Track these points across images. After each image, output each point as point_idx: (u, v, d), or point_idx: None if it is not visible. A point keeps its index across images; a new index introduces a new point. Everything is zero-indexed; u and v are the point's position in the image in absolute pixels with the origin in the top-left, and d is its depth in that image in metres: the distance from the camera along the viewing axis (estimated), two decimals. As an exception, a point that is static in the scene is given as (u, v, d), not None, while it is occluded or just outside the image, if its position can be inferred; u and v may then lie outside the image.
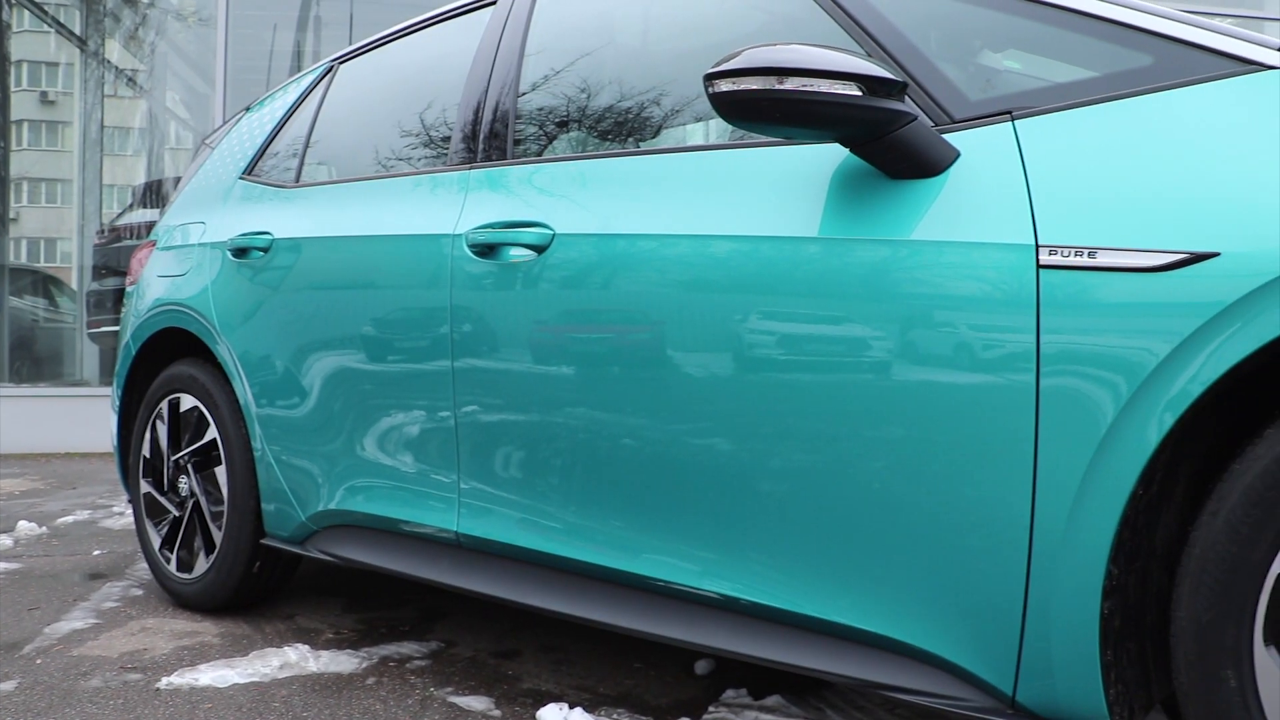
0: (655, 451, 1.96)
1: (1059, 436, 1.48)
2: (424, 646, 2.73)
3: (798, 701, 2.24)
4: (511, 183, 2.34)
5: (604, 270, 2.03)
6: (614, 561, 2.06)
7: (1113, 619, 1.50)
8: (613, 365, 2.01)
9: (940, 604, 1.64)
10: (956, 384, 1.58)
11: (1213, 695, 1.42)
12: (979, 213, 1.58)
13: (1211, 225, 1.40)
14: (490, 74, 2.53)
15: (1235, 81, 1.51)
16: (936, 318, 1.60)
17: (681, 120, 2.27)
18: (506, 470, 2.25)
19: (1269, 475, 1.37)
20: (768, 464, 1.81)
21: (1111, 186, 1.49)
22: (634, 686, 2.41)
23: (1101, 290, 1.45)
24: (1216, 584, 1.41)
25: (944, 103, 1.71)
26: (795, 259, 1.75)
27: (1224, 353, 1.37)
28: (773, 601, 1.83)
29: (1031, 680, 1.55)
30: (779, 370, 1.77)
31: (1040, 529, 1.51)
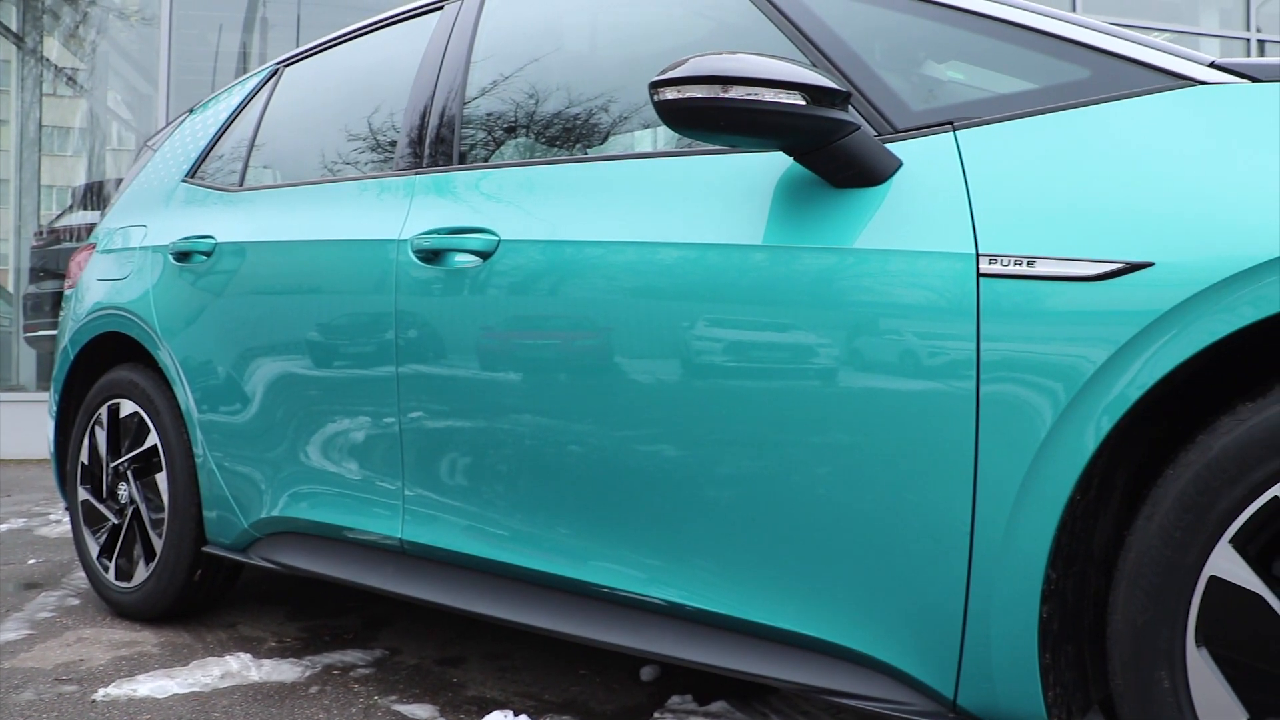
0: (602, 458, 1.96)
1: (998, 443, 1.50)
2: (368, 654, 2.71)
3: (743, 707, 2.25)
4: (457, 188, 2.33)
5: (550, 277, 2.03)
6: (560, 569, 2.06)
7: (1051, 622, 1.52)
8: (559, 372, 2.01)
9: (883, 609, 1.65)
10: (899, 391, 1.59)
11: (1147, 696, 1.45)
12: (921, 222, 1.60)
13: (1146, 236, 1.43)
14: (437, 79, 2.51)
15: (1168, 96, 1.54)
16: (879, 325, 1.62)
17: (629, 127, 2.27)
18: (452, 477, 2.24)
19: (1201, 480, 1.40)
20: (714, 470, 1.81)
21: (1050, 197, 1.52)
22: (580, 693, 2.40)
23: (1040, 299, 1.48)
24: (1151, 587, 1.44)
25: (887, 112, 1.73)
26: (742, 266, 1.76)
27: (1158, 360, 1.40)
28: (718, 608, 1.84)
29: (972, 684, 1.57)
30: (725, 377, 1.78)
31: (980, 535, 1.53)
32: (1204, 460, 1.40)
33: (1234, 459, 1.39)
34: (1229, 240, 1.38)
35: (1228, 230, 1.39)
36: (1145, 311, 1.40)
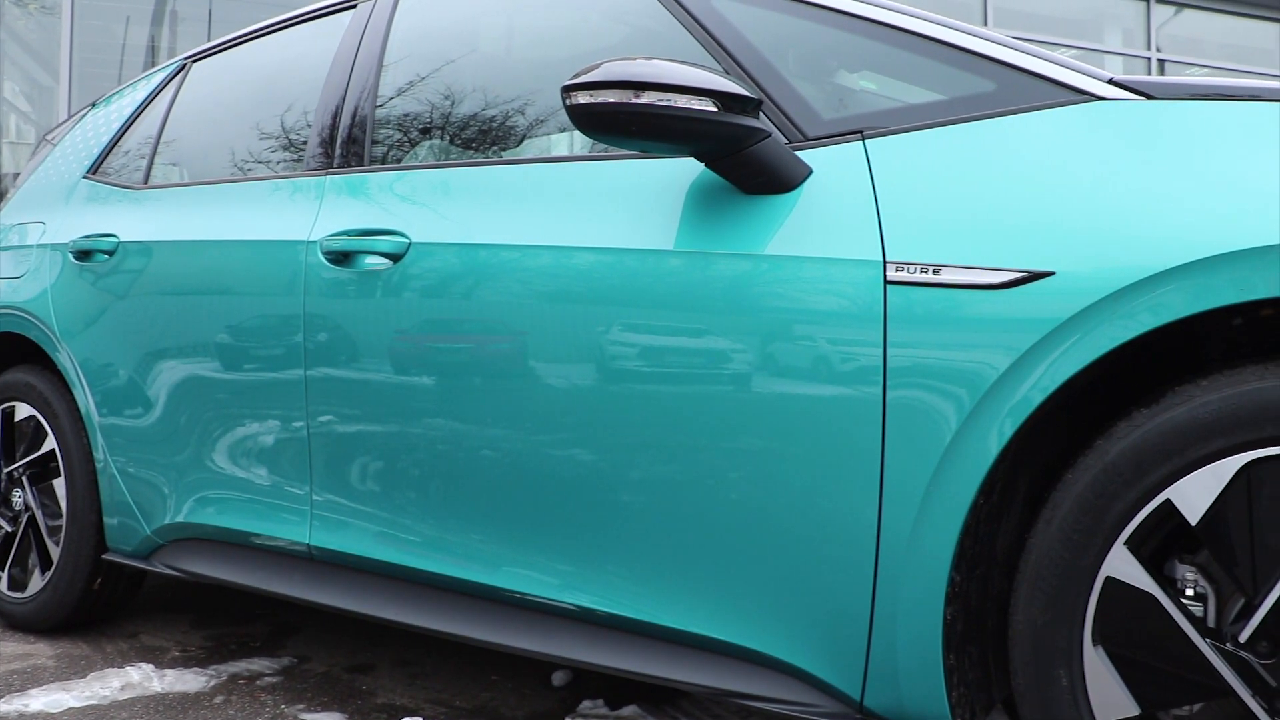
0: (515, 463, 1.95)
1: (904, 448, 1.53)
2: (275, 663, 2.66)
3: (654, 711, 2.26)
4: (368, 190, 2.30)
5: (462, 280, 2.01)
6: (474, 575, 2.04)
7: (955, 624, 1.55)
8: (472, 376, 1.99)
9: (792, 613, 1.67)
10: (808, 396, 1.61)
11: (1046, 694, 1.49)
12: (830, 229, 1.62)
13: (1047, 245, 1.47)
14: (349, 78, 2.48)
15: (1069, 110, 1.58)
16: (789, 331, 1.63)
17: (544, 131, 2.27)
18: (362, 482, 2.21)
19: (1098, 484, 1.44)
20: (627, 475, 1.81)
21: (956, 206, 1.55)
22: (490, 699, 2.39)
23: (945, 306, 1.51)
24: (1051, 588, 1.47)
25: (798, 120, 1.75)
26: (658, 271, 1.76)
27: (1060, 367, 1.44)
28: (630, 613, 1.84)
29: (878, 685, 1.59)
30: (640, 382, 1.78)
31: (887, 539, 1.55)
32: (1101, 464, 1.45)
33: (1129, 463, 1.43)
34: (1127, 251, 1.43)
35: (1125, 241, 1.44)
36: (1046, 319, 1.44)
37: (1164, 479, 1.42)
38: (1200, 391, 1.42)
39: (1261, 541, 1.40)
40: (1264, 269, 1.36)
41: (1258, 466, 1.39)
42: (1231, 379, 1.41)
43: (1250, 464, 1.39)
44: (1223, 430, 1.39)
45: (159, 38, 8.63)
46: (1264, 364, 1.41)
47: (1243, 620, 1.41)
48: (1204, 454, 1.40)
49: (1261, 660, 1.41)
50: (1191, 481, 1.41)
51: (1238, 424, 1.39)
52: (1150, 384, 1.54)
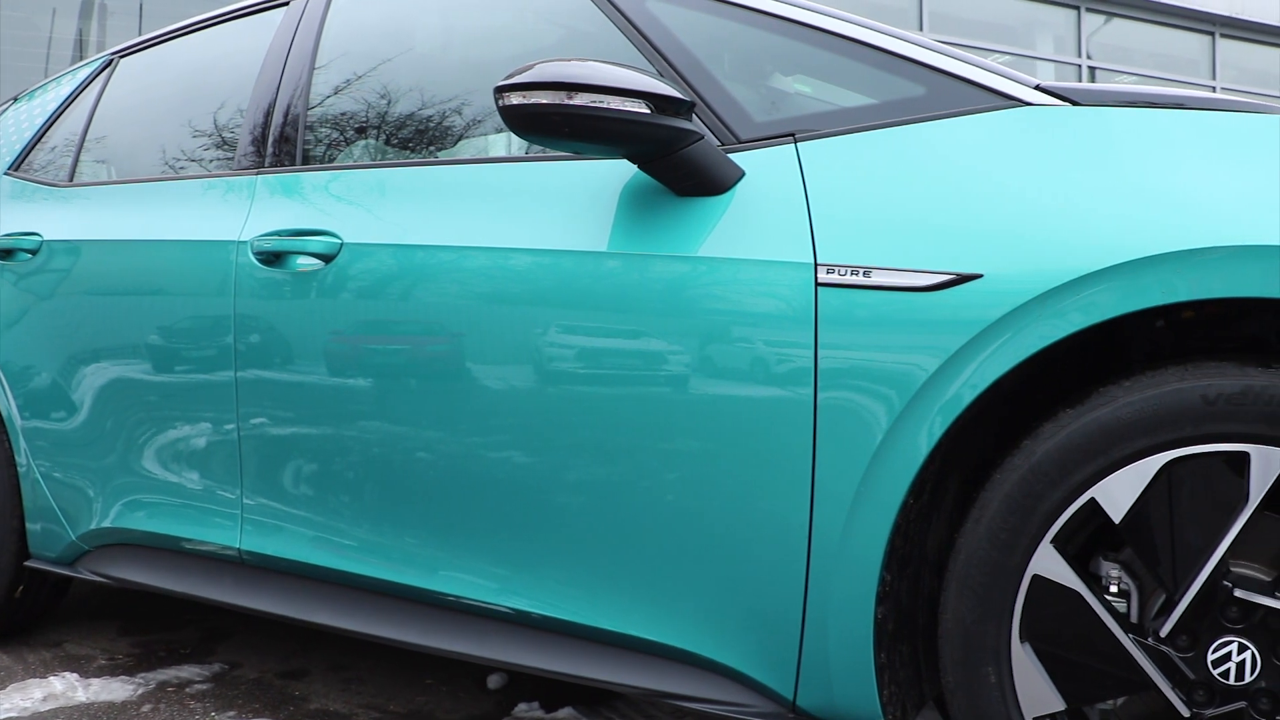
0: (451, 466, 1.94)
1: (835, 449, 1.54)
2: (206, 669, 2.61)
3: (589, 713, 2.25)
4: (300, 189, 2.27)
5: (395, 281, 1.99)
6: (410, 579, 2.02)
7: (886, 623, 1.57)
8: (406, 378, 1.97)
9: (726, 614, 1.67)
10: (741, 398, 1.62)
11: (976, 691, 1.51)
12: (762, 231, 1.63)
13: (975, 248, 1.49)
14: (281, 76, 2.45)
15: (997, 115, 1.61)
16: (723, 333, 1.64)
17: (479, 131, 2.25)
18: (295, 486, 2.18)
19: (1025, 483, 1.46)
20: (564, 477, 1.81)
21: (886, 208, 1.57)
22: (426, 703, 2.37)
23: (875, 308, 1.52)
24: (979, 587, 1.49)
25: (730, 123, 1.76)
26: (595, 273, 1.76)
27: (987, 368, 1.46)
28: (566, 615, 1.83)
29: (811, 685, 1.60)
30: (576, 383, 1.78)
31: (818, 539, 1.56)
32: (1028, 464, 1.47)
33: (1055, 463, 1.45)
34: (1053, 254, 1.45)
35: (1051, 244, 1.46)
36: (975, 321, 1.46)
37: (1089, 478, 1.45)
38: (1123, 392, 1.45)
39: (1181, 539, 1.43)
40: (1185, 272, 1.39)
41: (1178, 465, 1.42)
42: (1153, 380, 1.44)
43: (1171, 463, 1.42)
44: (1145, 430, 1.42)
45: (87, 31, 8.45)
46: (1184, 365, 1.45)
47: (1164, 615, 1.44)
48: (1127, 453, 1.43)
49: (1181, 654, 1.44)
50: (1115, 480, 1.44)
51: (1159, 424, 1.42)
52: (1078, 386, 1.57)
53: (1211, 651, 1.43)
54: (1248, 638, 1.41)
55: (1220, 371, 1.42)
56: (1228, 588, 1.41)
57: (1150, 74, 12.91)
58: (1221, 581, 1.42)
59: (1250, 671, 1.41)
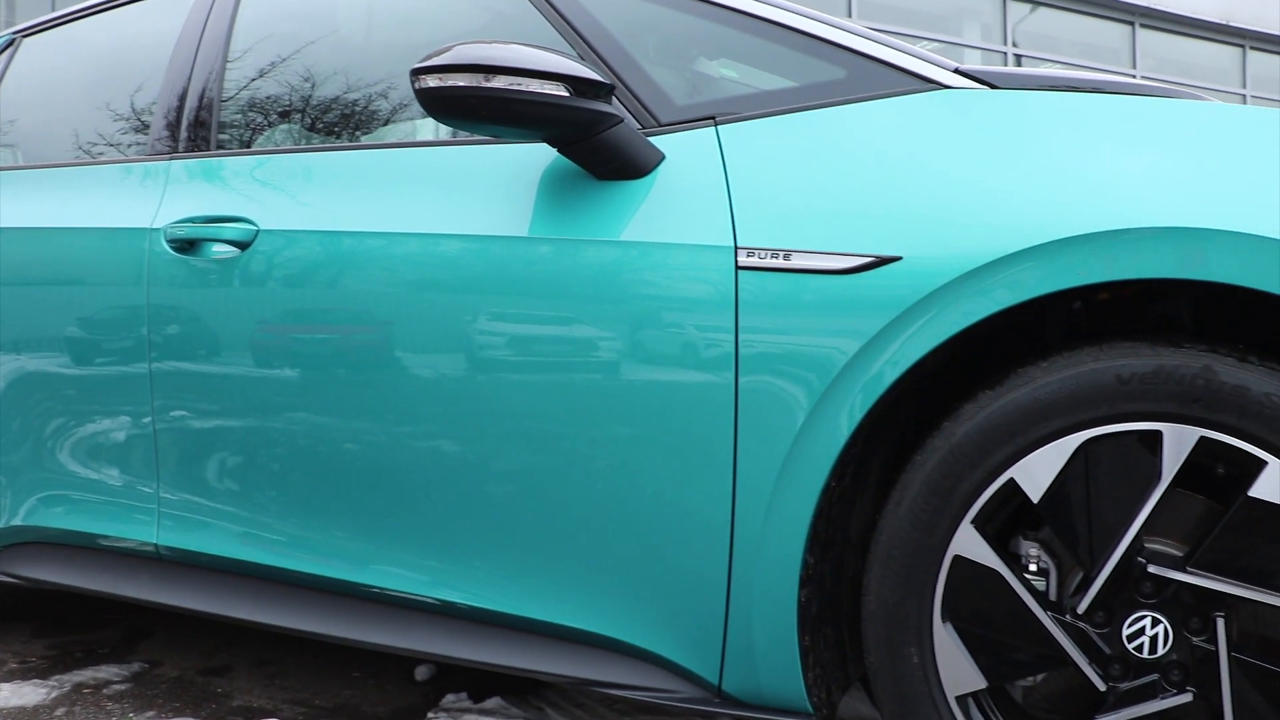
0: (380, 457, 1.90)
1: (756, 434, 1.54)
2: (124, 669, 2.55)
3: (518, 703, 2.24)
4: (215, 175, 2.22)
5: (313, 268, 1.95)
6: (340, 573, 1.99)
7: (810, 606, 1.57)
8: (328, 368, 1.93)
9: (651, 601, 1.67)
10: (664, 383, 1.61)
11: (898, 671, 1.52)
12: (682, 215, 1.62)
13: (895, 231, 1.49)
14: (195, 58, 2.38)
15: (916, 98, 1.61)
16: (646, 319, 1.63)
17: (404, 116, 2.22)
18: (214, 479, 2.13)
19: (945, 465, 1.47)
20: (494, 466, 1.78)
21: (806, 191, 1.56)
22: (352, 697, 2.33)
23: (794, 292, 1.52)
24: (901, 568, 1.50)
25: (651, 106, 1.74)
26: (525, 259, 1.73)
27: (906, 350, 1.47)
28: (495, 605, 1.81)
29: (736, 669, 1.60)
30: (506, 370, 1.75)
31: (741, 524, 1.56)
32: (948, 446, 1.48)
33: (975, 444, 1.47)
34: (971, 236, 1.46)
35: (969, 226, 1.47)
36: (894, 304, 1.46)
37: (1008, 458, 1.46)
38: (1041, 373, 1.46)
39: (1097, 517, 1.45)
40: (1100, 253, 1.41)
41: (1094, 445, 1.44)
42: (1070, 360, 1.46)
43: (1087, 442, 1.44)
44: (1061, 410, 1.44)
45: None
46: (1099, 346, 1.46)
47: (1081, 593, 1.46)
48: (1044, 433, 1.45)
49: (1097, 629, 1.46)
50: (1033, 460, 1.45)
51: (1075, 404, 1.43)
52: (997, 368, 1.58)
53: (1126, 626, 1.45)
54: (1161, 612, 1.44)
55: (1134, 352, 1.44)
56: (1142, 564, 1.44)
57: (1074, 63, 13.14)
58: (1136, 558, 1.44)
59: (1163, 645, 1.44)
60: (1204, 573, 1.42)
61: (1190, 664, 1.44)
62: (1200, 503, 1.48)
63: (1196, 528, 1.47)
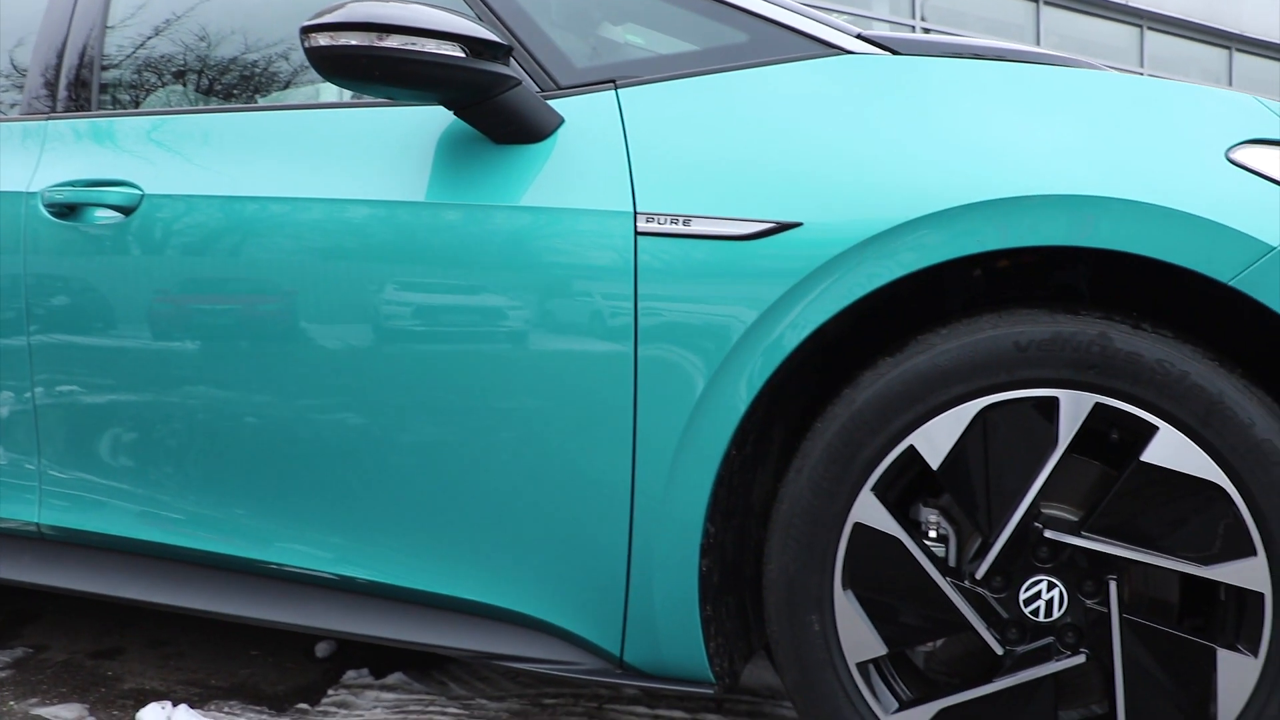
0: (282, 431, 1.83)
1: (655, 403, 1.52)
2: (7, 654, 2.44)
3: (421, 678, 2.20)
4: (96, 136, 2.11)
5: (202, 234, 1.87)
6: (241, 550, 1.92)
7: (711, 575, 1.56)
8: (219, 339, 1.86)
9: (553, 574, 1.64)
10: (564, 352, 1.58)
11: (800, 639, 1.52)
12: (581, 179, 1.59)
13: (795, 196, 1.48)
14: (73, 11, 2.27)
15: (818, 63, 1.60)
16: (546, 287, 1.59)
17: (297, 78, 2.14)
18: (104, 456, 2.04)
19: (845, 432, 1.47)
20: (400, 439, 1.73)
21: (706, 156, 1.54)
22: (250, 676, 2.27)
23: (694, 258, 1.50)
24: (802, 536, 1.50)
25: (550, 69, 1.70)
26: (433, 226, 1.67)
27: (806, 318, 1.46)
28: (396, 580, 1.77)
29: (637, 640, 1.59)
30: (412, 341, 1.70)
31: (641, 494, 1.54)
32: (848, 413, 1.48)
33: (875, 411, 1.46)
34: (871, 202, 1.46)
35: (870, 193, 1.46)
36: (793, 270, 1.45)
37: (908, 425, 1.46)
38: (940, 340, 1.47)
39: (996, 483, 1.46)
40: (999, 220, 1.41)
41: (993, 411, 1.45)
42: (969, 328, 1.46)
43: (986, 409, 1.45)
44: (961, 376, 1.44)
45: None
46: (998, 313, 1.47)
47: (979, 558, 1.48)
48: (944, 400, 1.45)
49: (995, 594, 1.48)
50: (933, 427, 1.46)
51: (975, 370, 1.44)
52: (899, 337, 1.58)
53: (1023, 591, 1.47)
54: (1056, 576, 1.46)
55: (1032, 319, 1.45)
56: (1038, 529, 1.46)
57: (983, 40, 13.33)
58: (1033, 523, 1.46)
59: (1058, 608, 1.46)
60: (1098, 537, 1.44)
61: (1084, 626, 1.46)
62: (1095, 468, 1.50)
63: (1091, 493, 1.49)
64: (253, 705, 2.10)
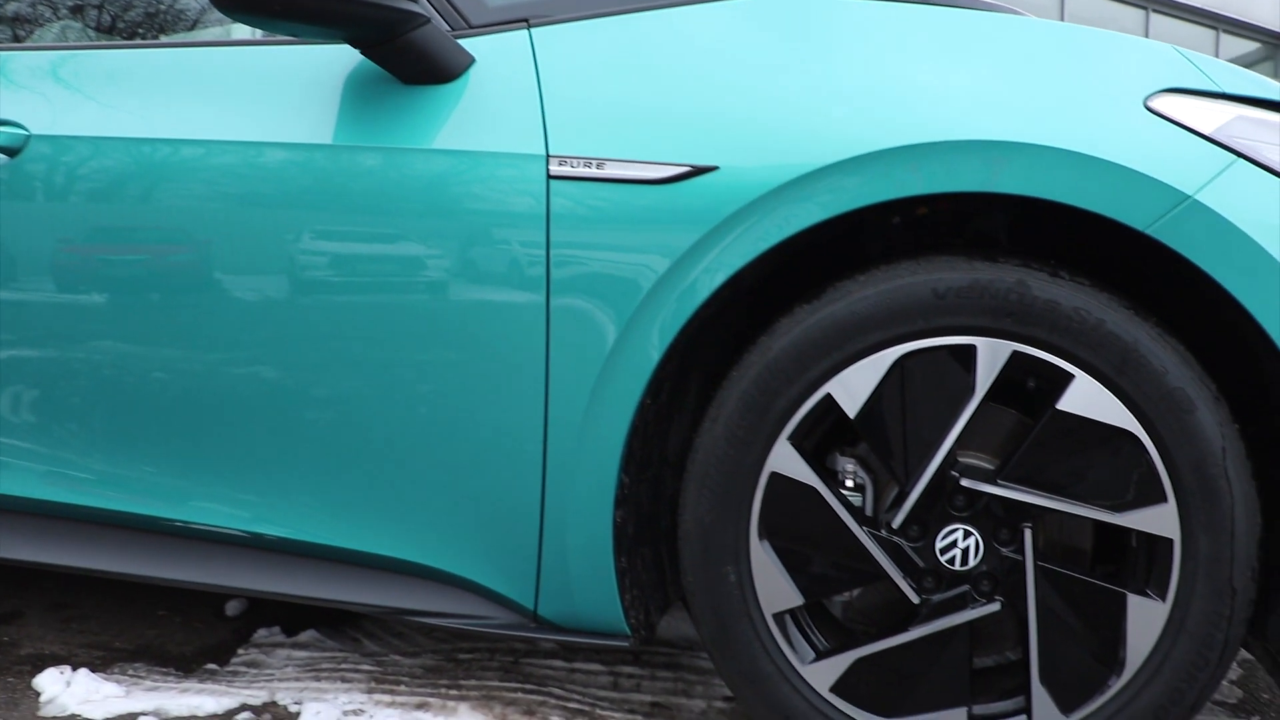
0: (193, 386, 1.76)
1: (567, 352, 1.48)
2: (-105, 621, 2.35)
3: (334, 635, 2.15)
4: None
5: (100, 179, 1.78)
6: (153, 510, 1.84)
7: (626, 526, 1.53)
8: (123, 289, 1.77)
9: (466, 527, 1.61)
10: (479, 303, 1.53)
11: (715, 590, 1.50)
12: (493, 121, 1.53)
13: (712, 140, 1.45)
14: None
15: (736, 3, 1.56)
16: (456, 234, 1.53)
17: (200, 15, 2.05)
18: (2, 413, 1.95)
19: (761, 380, 1.45)
20: (315, 393, 1.67)
21: (621, 98, 1.50)
22: (156, 637, 2.21)
23: (607, 202, 1.46)
24: (717, 486, 1.48)
25: (460, 6, 1.63)
26: (351, 170, 1.60)
27: (722, 263, 1.43)
28: (312, 537, 1.72)
29: (551, 593, 1.56)
30: (327, 292, 1.63)
31: (554, 446, 1.51)
32: (764, 361, 1.45)
33: (791, 359, 1.44)
34: (789, 146, 1.43)
35: (788, 136, 1.44)
36: (709, 215, 1.42)
37: (824, 373, 1.44)
38: (858, 286, 1.45)
39: (913, 432, 1.45)
40: (917, 166, 1.40)
41: (911, 359, 1.43)
42: (887, 274, 1.45)
43: (903, 357, 1.43)
44: (879, 324, 1.43)
45: None
46: (916, 260, 1.46)
47: (896, 508, 1.47)
48: (861, 348, 1.44)
49: (912, 544, 1.47)
50: (850, 375, 1.44)
51: (892, 318, 1.42)
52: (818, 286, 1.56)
53: (939, 540, 1.47)
54: (972, 525, 1.46)
55: (950, 266, 1.44)
56: (955, 478, 1.45)
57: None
58: (949, 472, 1.45)
59: (974, 556, 1.46)
60: (1014, 485, 1.44)
61: (999, 574, 1.46)
62: (1012, 416, 1.50)
63: (1008, 442, 1.49)
64: (158, 667, 2.03)
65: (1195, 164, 1.39)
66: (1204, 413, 1.38)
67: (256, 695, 1.85)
